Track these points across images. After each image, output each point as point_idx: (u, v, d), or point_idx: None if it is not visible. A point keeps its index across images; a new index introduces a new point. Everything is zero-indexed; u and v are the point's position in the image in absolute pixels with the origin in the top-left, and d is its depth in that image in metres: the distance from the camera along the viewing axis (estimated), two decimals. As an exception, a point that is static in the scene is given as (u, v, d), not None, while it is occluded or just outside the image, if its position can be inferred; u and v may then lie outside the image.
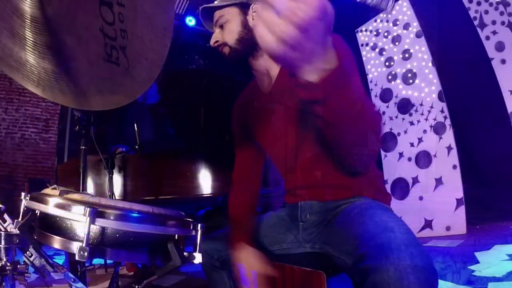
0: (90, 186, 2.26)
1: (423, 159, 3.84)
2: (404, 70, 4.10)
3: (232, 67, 1.16)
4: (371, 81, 4.42)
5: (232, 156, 1.35)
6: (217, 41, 1.13)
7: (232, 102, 1.35)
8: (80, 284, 1.03)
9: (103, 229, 0.85)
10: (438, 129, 3.79)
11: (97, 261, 3.01)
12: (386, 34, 4.32)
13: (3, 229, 0.96)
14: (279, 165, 1.21)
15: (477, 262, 2.46)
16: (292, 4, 0.48)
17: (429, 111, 3.87)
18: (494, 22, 3.61)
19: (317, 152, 1.03)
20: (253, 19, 1.08)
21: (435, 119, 3.82)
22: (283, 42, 0.49)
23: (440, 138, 3.76)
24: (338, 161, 0.88)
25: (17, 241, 0.95)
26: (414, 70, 4.02)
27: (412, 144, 3.95)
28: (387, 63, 4.27)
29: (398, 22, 4.21)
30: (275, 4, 0.48)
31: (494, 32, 3.60)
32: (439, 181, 3.71)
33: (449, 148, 3.70)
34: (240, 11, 1.10)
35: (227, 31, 1.10)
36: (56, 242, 0.85)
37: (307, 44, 0.50)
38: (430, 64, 3.92)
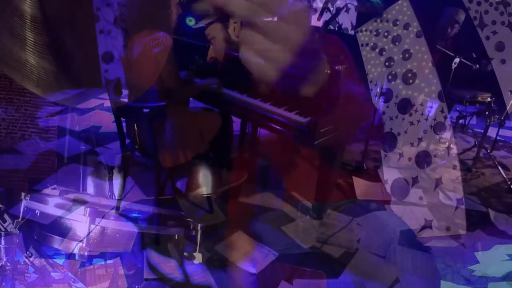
0: (90, 186, 2.27)
1: (423, 159, 3.83)
2: (404, 70, 4.09)
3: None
4: (371, 81, 4.41)
5: None
6: (212, 57, 1.20)
7: None
8: (80, 284, 1.03)
9: (103, 229, 0.85)
10: (438, 129, 3.78)
11: (97, 261, 3.01)
12: (386, 34, 4.30)
13: (3, 229, 0.96)
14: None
15: (477, 262, 2.46)
16: (284, 28, 0.44)
17: (429, 111, 3.86)
18: (494, 22, 3.60)
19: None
20: (234, 30, 1.10)
21: (435, 119, 3.81)
22: (280, 68, 0.46)
23: (440, 138, 3.76)
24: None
25: (17, 241, 0.95)
26: (414, 70, 4.01)
27: (412, 144, 3.95)
28: (387, 63, 4.26)
29: (398, 22, 4.20)
30: (265, 30, 0.45)
31: (494, 32, 3.60)
32: (439, 181, 3.70)
33: (449, 148, 3.69)
34: (222, 25, 1.13)
35: (215, 48, 1.16)
36: (56, 242, 0.85)
37: (304, 64, 0.48)
38: (430, 64, 3.91)
